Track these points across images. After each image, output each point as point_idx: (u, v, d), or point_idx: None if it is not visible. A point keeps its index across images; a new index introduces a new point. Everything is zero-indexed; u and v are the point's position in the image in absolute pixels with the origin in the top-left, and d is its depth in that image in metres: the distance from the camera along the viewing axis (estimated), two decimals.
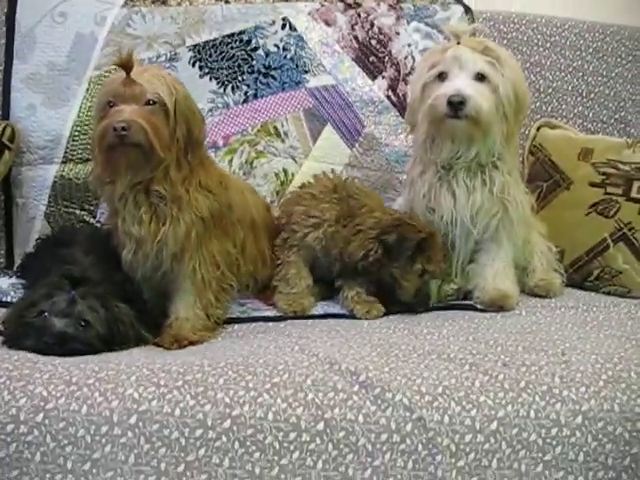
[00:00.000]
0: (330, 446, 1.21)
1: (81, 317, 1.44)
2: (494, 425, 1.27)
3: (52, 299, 1.45)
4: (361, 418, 1.24)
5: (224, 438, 1.19)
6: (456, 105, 1.72)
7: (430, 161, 1.85)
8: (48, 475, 1.15)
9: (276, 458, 1.19)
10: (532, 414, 1.28)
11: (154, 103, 1.55)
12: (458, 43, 1.78)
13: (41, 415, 1.17)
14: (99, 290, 1.51)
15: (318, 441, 1.22)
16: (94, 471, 1.15)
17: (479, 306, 1.82)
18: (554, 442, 1.27)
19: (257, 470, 1.18)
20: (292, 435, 1.21)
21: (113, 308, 1.51)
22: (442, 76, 1.77)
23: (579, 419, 1.28)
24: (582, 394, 1.31)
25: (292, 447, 1.21)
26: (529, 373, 1.35)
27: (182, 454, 1.17)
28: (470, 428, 1.26)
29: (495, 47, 1.81)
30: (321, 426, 1.22)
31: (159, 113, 1.56)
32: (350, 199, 1.85)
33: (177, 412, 1.20)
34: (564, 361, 1.39)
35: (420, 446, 1.24)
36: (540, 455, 1.26)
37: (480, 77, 1.75)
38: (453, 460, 1.24)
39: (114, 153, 1.54)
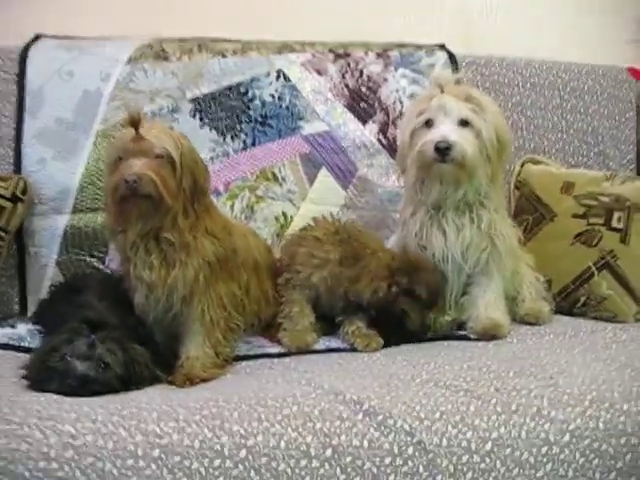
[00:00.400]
0: (338, 470, 1.30)
1: (101, 359, 1.49)
2: (489, 446, 1.35)
3: (73, 343, 1.51)
4: (366, 444, 1.32)
5: (240, 467, 1.26)
6: (443, 150, 1.80)
7: (420, 202, 1.93)
8: None
9: None
10: (523, 434, 1.37)
11: (162, 157, 1.63)
12: (442, 92, 1.86)
13: (71, 452, 1.23)
14: (116, 334, 1.56)
15: (327, 467, 1.30)
16: None
17: (473, 336, 1.89)
18: (545, 459, 1.35)
19: None
20: (303, 462, 1.29)
21: (130, 350, 1.56)
22: (429, 123, 1.86)
23: (567, 437, 1.37)
24: (569, 414, 1.40)
25: (303, 473, 1.29)
26: (519, 396, 1.43)
27: None
28: (466, 449, 1.34)
29: (477, 94, 1.90)
30: (329, 452, 1.30)
31: (167, 166, 1.63)
32: (352, 240, 1.92)
33: (196, 444, 1.27)
34: (552, 384, 1.47)
35: (421, 467, 1.32)
36: (533, 472, 1.35)
37: (464, 123, 1.84)
38: None
39: (126, 204, 1.62)
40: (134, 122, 1.63)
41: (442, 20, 2.72)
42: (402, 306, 1.83)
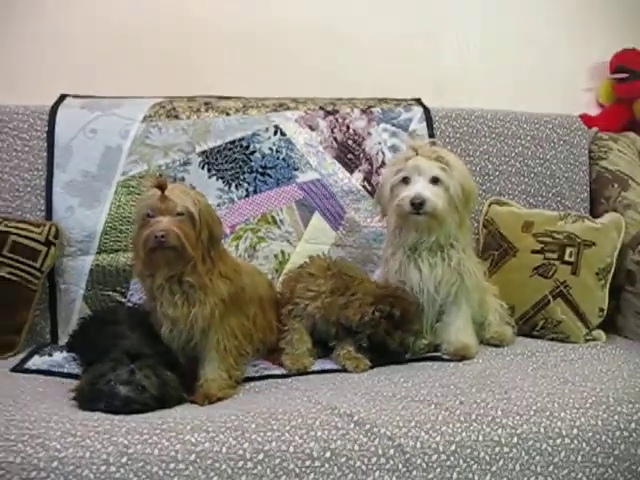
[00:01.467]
0: (335, 469, 1.51)
1: (139, 384, 1.69)
2: (453, 447, 1.56)
3: (116, 371, 1.71)
4: (356, 447, 1.53)
5: (259, 467, 1.49)
6: (417, 205, 1.98)
7: (399, 244, 2.10)
8: None
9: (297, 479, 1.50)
10: (481, 438, 1.58)
11: (183, 214, 1.81)
12: (417, 154, 2.04)
13: (125, 458, 1.46)
14: (150, 362, 1.75)
15: (327, 465, 1.51)
16: None
17: (446, 356, 2.05)
18: (497, 457, 1.56)
19: None
20: (308, 462, 1.51)
21: (162, 375, 1.74)
22: (405, 180, 2.03)
23: (515, 439, 1.58)
24: (517, 421, 1.61)
25: (308, 471, 1.50)
26: (479, 408, 1.64)
27: None
28: (436, 450, 1.55)
29: (446, 154, 2.06)
30: (328, 454, 1.52)
31: (187, 221, 1.81)
32: (341, 274, 2.10)
33: (224, 450, 1.49)
34: (506, 397, 1.69)
35: (400, 465, 1.53)
36: (488, 467, 1.56)
37: (435, 180, 2.01)
38: (425, 474, 1.54)
39: (155, 254, 1.81)
40: (160, 185, 1.82)
41: (416, 74, 2.89)
42: (384, 327, 1.99)
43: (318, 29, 2.84)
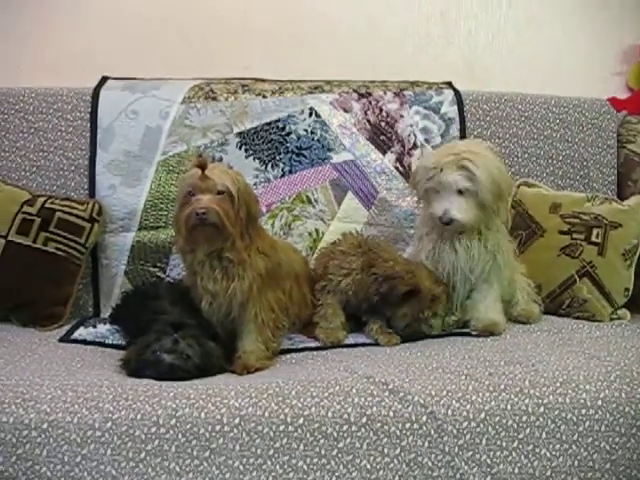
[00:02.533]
0: (371, 433, 1.59)
1: (183, 352, 1.76)
2: (482, 415, 1.62)
3: (161, 341, 1.78)
4: (391, 413, 1.61)
5: (299, 431, 1.57)
6: (446, 223, 2.07)
7: (438, 226, 2.13)
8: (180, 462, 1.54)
9: (335, 443, 1.57)
10: (509, 407, 1.64)
11: (223, 192, 1.87)
12: (441, 170, 2.06)
13: (174, 420, 1.55)
14: (193, 332, 1.82)
15: (363, 430, 1.59)
16: (212, 457, 1.54)
17: (474, 333, 2.11)
18: (524, 425, 1.63)
19: (322, 451, 1.57)
20: (345, 427, 1.58)
21: (205, 345, 1.81)
22: (436, 190, 2.09)
23: (541, 409, 1.64)
24: (544, 392, 1.67)
25: (346, 435, 1.58)
26: (507, 379, 1.70)
27: (271, 442, 1.56)
28: (466, 418, 1.62)
29: (468, 163, 2.04)
30: (364, 420, 1.59)
31: (227, 200, 1.87)
32: (370, 252, 2.14)
33: (266, 414, 1.57)
34: (533, 370, 1.74)
35: (432, 431, 1.61)
36: (515, 434, 1.62)
37: (461, 192, 2.05)
38: (455, 440, 1.61)
39: (195, 231, 1.87)
40: (201, 164, 1.87)
41: (449, 58, 2.95)
42: (385, 311, 2.09)
43: (351, 13, 2.90)
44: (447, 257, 2.15)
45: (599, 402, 1.69)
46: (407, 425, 1.62)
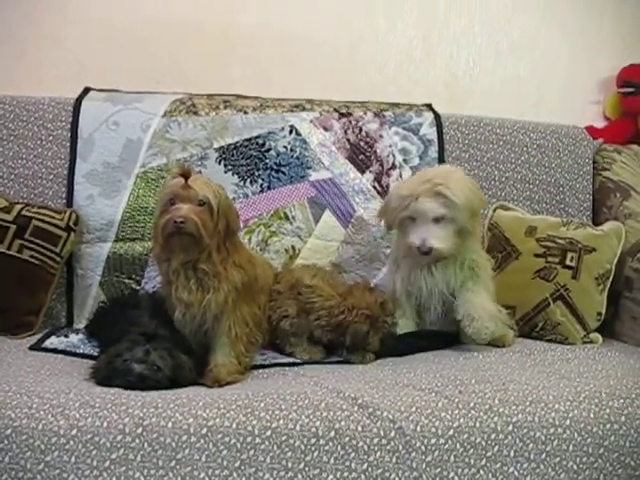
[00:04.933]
0: (339, 447, 1.58)
1: (154, 363, 1.75)
2: (451, 432, 1.62)
3: (132, 350, 1.77)
4: (360, 428, 1.60)
5: (267, 443, 1.56)
6: (424, 253, 2.05)
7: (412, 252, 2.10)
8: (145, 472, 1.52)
9: (302, 456, 1.56)
10: (477, 424, 1.64)
11: (204, 204, 1.86)
12: (417, 199, 2.04)
13: (140, 429, 1.53)
14: (166, 344, 1.81)
15: (331, 444, 1.58)
16: (178, 467, 1.52)
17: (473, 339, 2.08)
18: (493, 443, 1.63)
19: (289, 464, 1.55)
20: (313, 440, 1.57)
21: (177, 357, 1.80)
22: (412, 218, 2.07)
23: (510, 427, 1.64)
24: (513, 410, 1.67)
25: (313, 448, 1.57)
26: (477, 397, 1.70)
27: (238, 454, 1.54)
28: (434, 434, 1.61)
29: (443, 189, 2.03)
30: (332, 434, 1.58)
31: (207, 211, 1.86)
32: (301, 297, 2.09)
33: (234, 425, 1.56)
34: (503, 388, 1.75)
35: (400, 446, 1.60)
36: (483, 452, 1.62)
37: (437, 220, 2.05)
38: (423, 457, 1.60)
39: (172, 239, 1.86)
40: (185, 173, 1.87)
41: (430, 81, 2.99)
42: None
43: (334, 34, 2.93)
44: (424, 281, 2.15)
45: (567, 422, 1.70)
46: (375, 440, 1.61)
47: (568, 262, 2.35)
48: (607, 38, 3.12)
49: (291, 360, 2.08)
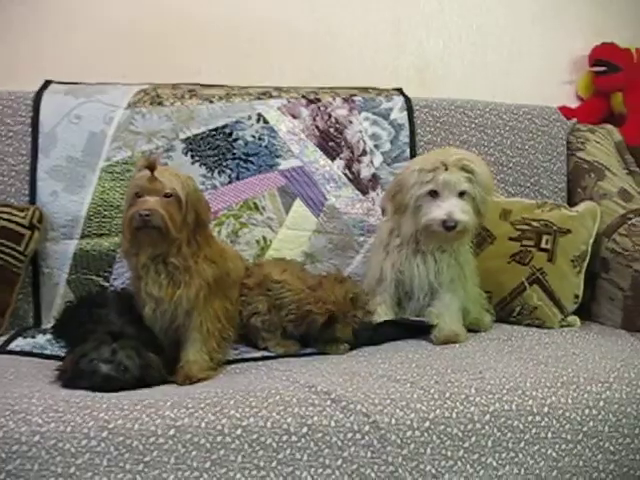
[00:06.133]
0: (312, 444, 1.53)
1: (121, 363, 1.71)
2: (427, 424, 1.58)
3: (99, 350, 1.72)
4: (332, 423, 1.56)
5: (237, 442, 1.51)
6: (450, 227, 1.99)
7: (412, 241, 2.10)
8: (112, 477, 1.47)
9: (274, 454, 1.51)
10: (454, 415, 1.60)
11: (171, 196, 1.82)
12: (446, 169, 2.00)
13: (105, 432, 1.48)
14: (134, 343, 1.76)
15: (303, 441, 1.53)
16: (146, 470, 1.47)
17: (435, 343, 2.06)
18: (470, 434, 1.60)
19: (261, 463, 1.51)
20: (285, 437, 1.53)
21: (145, 357, 1.76)
22: (433, 193, 2.01)
23: (487, 417, 1.61)
24: (490, 399, 1.64)
25: (285, 446, 1.52)
26: (453, 387, 1.67)
27: (208, 454, 1.49)
28: (410, 427, 1.57)
29: (469, 162, 2.03)
30: (305, 430, 1.54)
31: (174, 203, 1.82)
32: (270, 292, 2.08)
33: (203, 425, 1.51)
34: (480, 377, 1.72)
35: (375, 441, 1.56)
36: (460, 444, 1.59)
37: (462, 194, 2.01)
38: (399, 450, 1.56)
39: (139, 233, 1.82)
40: (150, 165, 1.82)
41: (400, 65, 2.97)
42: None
43: (302, 20, 2.89)
44: (415, 270, 2.12)
45: (545, 409, 1.67)
46: (349, 435, 1.57)
47: (543, 245, 2.34)
48: (579, 17, 3.13)
49: (265, 354, 2.04)
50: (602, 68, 3.03)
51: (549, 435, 1.66)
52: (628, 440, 1.71)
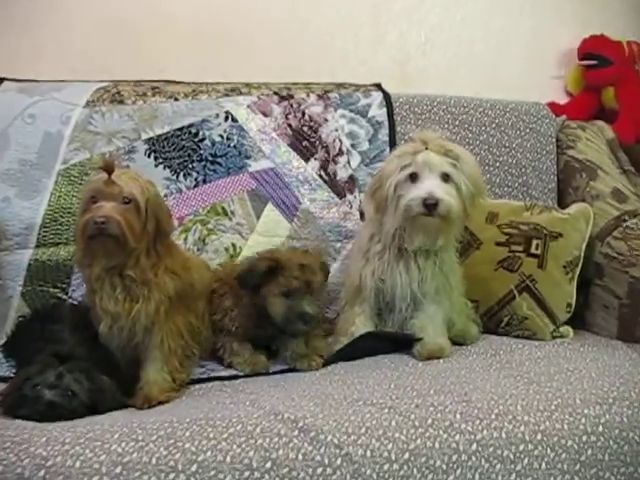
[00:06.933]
0: None
1: (68, 388, 1.60)
2: (407, 455, 1.44)
3: (43, 374, 1.60)
4: (300, 457, 1.41)
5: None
6: (430, 207, 1.86)
7: (393, 244, 1.99)
8: None
9: None
10: (437, 445, 1.47)
11: (129, 201, 1.72)
12: (427, 148, 1.91)
13: (42, 472, 1.32)
14: (84, 365, 1.66)
15: (267, 477, 1.38)
16: None
17: (418, 358, 1.95)
18: (455, 466, 1.45)
19: None
20: (246, 473, 1.37)
21: (96, 380, 1.65)
22: (413, 177, 1.91)
23: (474, 446, 1.47)
24: (477, 426, 1.50)
25: None
26: (436, 412, 1.53)
27: None
28: (387, 459, 1.43)
29: (454, 148, 1.96)
30: (269, 465, 1.39)
31: (133, 210, 1.73)
32: (235, 288, 1.99)
33: (153, 461, 1.36)
34: (466, 400, 1.58)
35: (348, 476, 1.41)
36: (444, 477, 1.44)
37: (445, 178, 1.90)
38: None
39: (93, 241, 1.72)
40: (108, 168, 1.73)
41: (379, 59, 2.85)
42: (257, 302, 1.94)
43: (275, 12, 2.77)
44: (398, 278, 2.01)
45: (539, 436, 1.53)
46: (319, 470, 1.42)
47: (533, 250, 2.25)
48: (567, 10, 3.04)
49: (232, 373, 1.94)
50: (592, 62, 2.95)
51: (543, 466, 1.51)
52: (631, 469, 1.58)
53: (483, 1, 2.97)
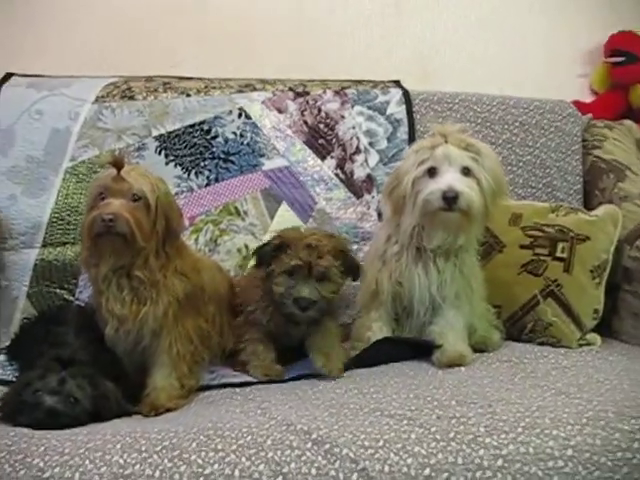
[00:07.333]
0: None
1: (70, 394, 1.55)
2: (427, 471, 1.36)
3: (45, 379, 1.57)
4: (314, 471, 1.34)
5: None
6: (450, 200, 1.81)
7: (411, 245, 1.94)
8: None
9: None
10: (460, 460, 1.38)
11: (139, 199, 1.69)
12: (446, 142, 1.86)
13: None
14: (87, 370, 1.62)
15: None
16: None
17: (437, 365, 1.88)
18: None
19: None
20: None
21: (100, 386, 1.61)
22: (432, 171, 1.86)
23: (500, 462, 1.38)
24: (502, 440, 1.41)
25: None
26: (458, 424, 1.45)
27: None
28: (406, 475, 1.35)
29: (475, 142, 1.91)
30: (280, 479, 1.33)
31: (142, 208, 1.69)
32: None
33: (157, 474, 1.31)
34: (490, 412, 1.50)
35: None
36: None
37: (466, 172, 1.85)
38: None
39: (101, 240, 1.68)
40: (117, 163, 1.69)
41: (398, 56, 2.79)
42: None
43: (290, 7, 2.74)
44: (416, 281, 1.95)
45: (569, 451, 1.42)
46: None
47: (559, 253, 2.18)
48: (594, 5, 2.95)
49: (244, 379, 1.87)
50: (620, 59, 2.86)
51: None
52: None
53: None
